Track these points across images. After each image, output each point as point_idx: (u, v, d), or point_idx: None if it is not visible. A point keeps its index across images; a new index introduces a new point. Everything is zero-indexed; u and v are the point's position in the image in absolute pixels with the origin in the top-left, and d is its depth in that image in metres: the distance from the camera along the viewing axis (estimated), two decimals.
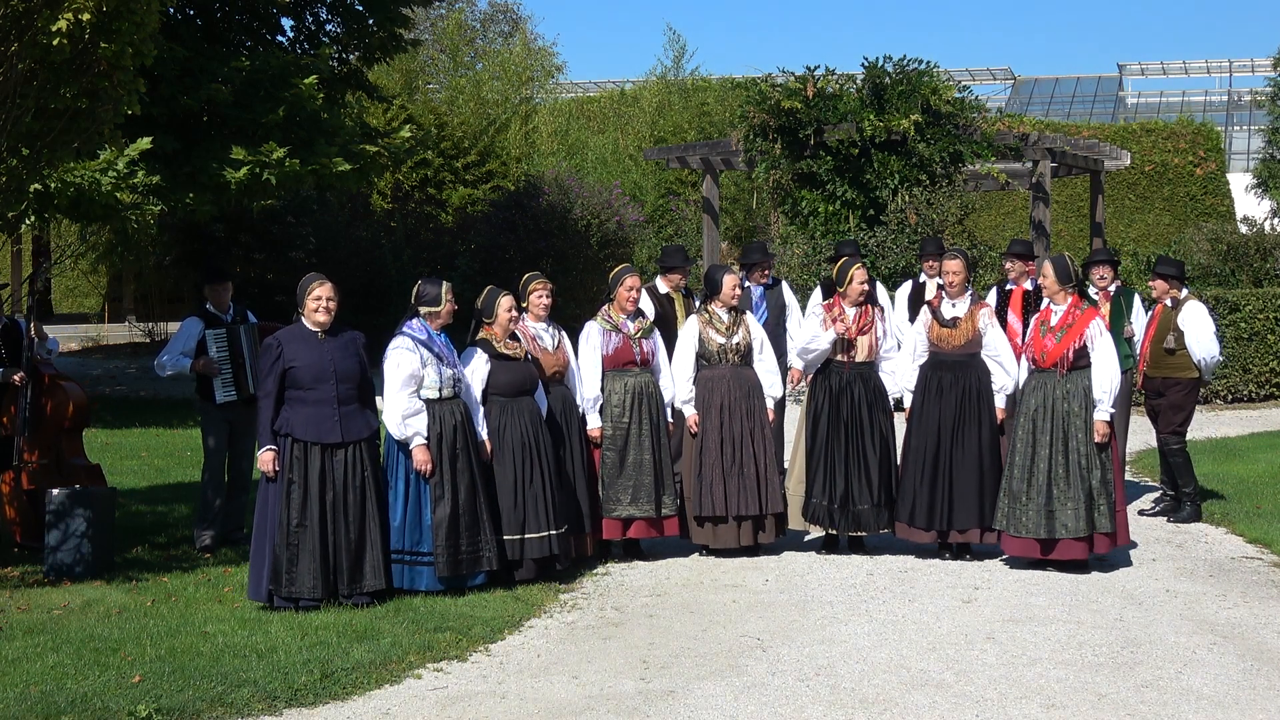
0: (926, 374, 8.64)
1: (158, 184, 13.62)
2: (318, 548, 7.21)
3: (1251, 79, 41.24)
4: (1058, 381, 8.24)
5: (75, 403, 8.86)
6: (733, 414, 8.64)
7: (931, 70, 17.03)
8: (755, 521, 8.64)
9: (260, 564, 7.28)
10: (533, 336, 8.27)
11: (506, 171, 25.67)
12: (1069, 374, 8.22)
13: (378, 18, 17.27)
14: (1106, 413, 8.12)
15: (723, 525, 8.58)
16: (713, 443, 8.60)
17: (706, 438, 8.63)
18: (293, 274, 22.29)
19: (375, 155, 15.81)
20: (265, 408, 7.34)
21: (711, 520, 8.59)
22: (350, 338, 7.54)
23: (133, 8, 7.32)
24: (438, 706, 5.80)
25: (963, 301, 8.69)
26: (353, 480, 7.34)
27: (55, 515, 8.00)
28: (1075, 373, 8.21)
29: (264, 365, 7.40)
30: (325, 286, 7.48)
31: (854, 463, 8.65)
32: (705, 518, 8.60)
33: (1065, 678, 6.16)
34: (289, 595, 7.21)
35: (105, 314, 29.57)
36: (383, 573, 7.38)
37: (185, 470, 12.02)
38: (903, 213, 16.29)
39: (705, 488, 8.56)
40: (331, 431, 7.32)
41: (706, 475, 8.57)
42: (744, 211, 26.45)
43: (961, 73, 37.00)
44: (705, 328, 8.79)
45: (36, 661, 6.23)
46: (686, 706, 5.80)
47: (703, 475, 8.59)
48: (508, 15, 39.74)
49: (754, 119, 17.10)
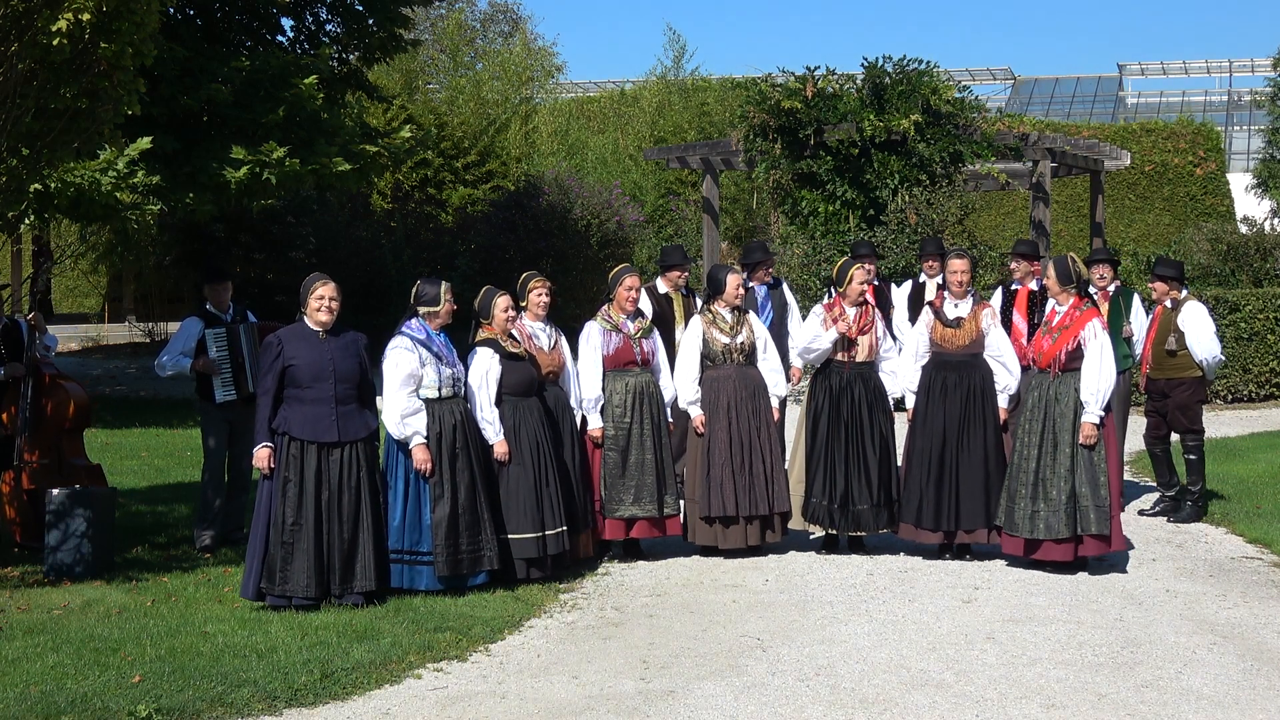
0: (930, 374, 8.63)
1: (158, 184, 13.62)
2: (312, 547, 7.21)
3: (1251, 79, 41.29)
4: (1051, 382, 8.25)
5: (77, 403, 8.86)
6: (740, 414, 8.64)
7: (931, 70, 17.03)
8: (764, 521, 8.64)
9: (254, 561, 7.28)
10: (529, 335, 8.26)
11: (506, 171, 25.67)
12: (1062, 375, 8.22)
13: (377, 18, 17.27)
14: (1095, 415, 8.10)
15: (733, 526, 8.58)
16: (721, 443, 8.59)
17: (714, 438, 8.61)
18: (293, 274, 22.32)
19: (375, 155, 15.81)
20: (263, 405, 7.34)
21: (721, 521, 8.59)
22: (352, 338, 7.55)
23: (133, 8, 7.32)
24: (438, 706, 5.80)
25: (965, 302, 8.69)
26: (348, 480, 7.34)
27: (55, 515, 8.00)
28: (1068, 374, 8.20)
29: (264, 363, 7.40)
30: (328, 286, 7.49)
31: (854, 463, 8.65)
32: (714, 518, 8.60)
33: (1065, 678, 6.16)
34: (282, 593, 7.22)
35: (105, 314, 29.57)
36: (374, 573, 7.36)
37: (185, 470, 12.02)
38: (903, 213, 16.29)
39: (714, 488, 8.55)
40: (328, 431, 7.32)
41: (715, 476, 8.56)
42: (744, 211, 26.45)
43: (961, 73, 37.02)
44: (709, 328, 8.79)
45: (36, 661, 6.23)
46: (686, 706, 5.80)
47: (711, 476, 8.57)
48: (508, 15, 39.78)
49: (754, 119, 17.10)
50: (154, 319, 25.50)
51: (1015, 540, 8.22)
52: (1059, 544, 8.09)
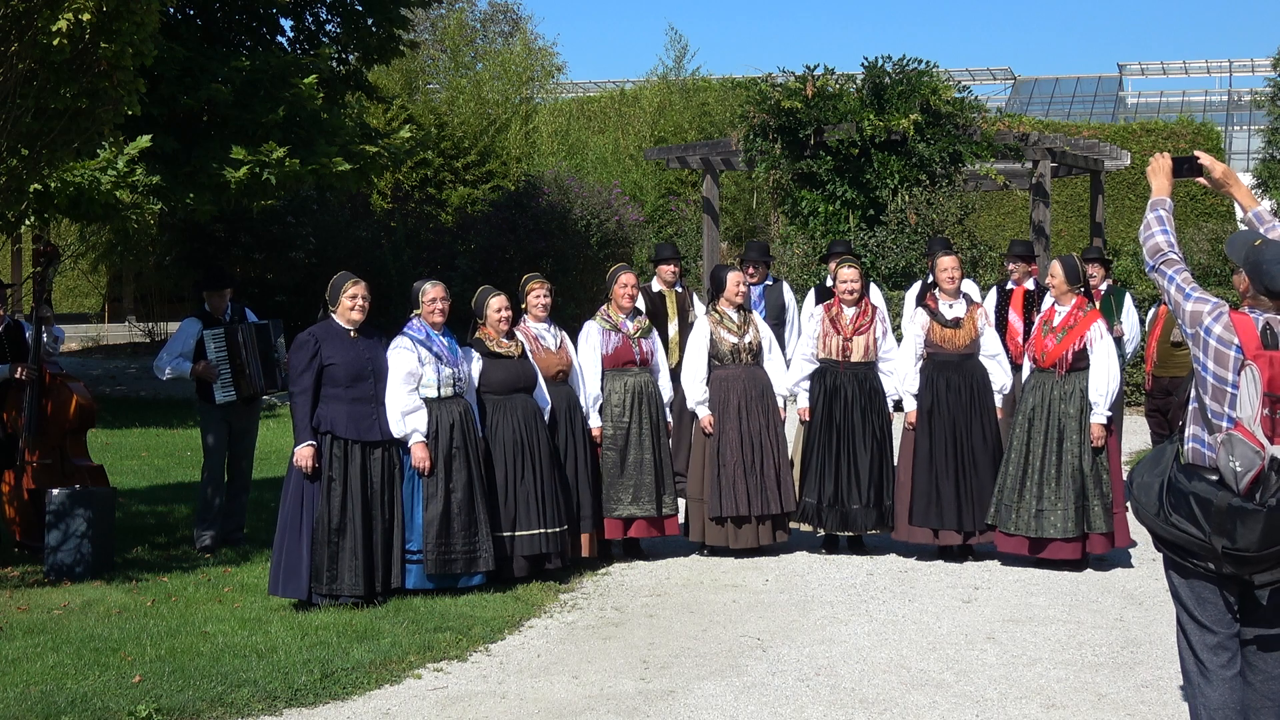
0: (930, 375, 8.62)
1: (158, 184, 13.62)
2: (360, 546, 7.25)
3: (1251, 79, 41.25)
4: (1056, 382, 8.24)
5: (80, 403, 8.84)
6: (750, 414, 8.64)
7: (931, 70, 17.05)
8: (774, 521, 8.64)
9: (295, 560, 7.26)
10: (535, 336, 8.27)
11: (506, 171, 25.65)
12: (1067, 375, 8.22)
13: (377, 18, 17.27)
14: (1103, 416, 8.11)
15: (745, 526, 8.58)
16: (732, 443, 8.59)
17: (725, 438, 8.61)
18: (293, 274, 22.35)
19: (375, 155, 15.80)
20: (302, 404, 7.34)
21: (734, 520, 8.59)
22: (378, 338, 7.64)
23: (133, 8, 7.32)
24: (438, 706, 5.80)
25: (959, 301, 8.69)
26: (388, 479, 7.41)
27: (55, 515, 8.00)
28: (1074, 374, 8.21)
29: (299, 362, 7.38)
30: (359, 285, 7.59)
31: (845, 463, 8.64)
32: (725, 519, 8.59)
33: (1065, 678, 6.16)
34: (330, 593, 7.25)
35: (105, 314, 29.57)
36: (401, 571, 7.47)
37: (185, 470, 12.03)
38: (903, 213, 16.30)
39: (726, 488, 8.54)
40: (371, 429, 7.39)
41: (727, 476, 8.55)
42: (744, 211, 26.46)
43: (961, 73, 37.00)
44: (717, 328, 8.79)
45: (36, 661, 6.23)
46: (686, 706, 5.80)
47: (722, 476, 8.57)
48: (508, 15, 39.75)
49: (754, 119, 17.12)
50: (154, 319, 25.49)
51: (1015, 539, 8.22)
52: (1068, 543, 8.10)
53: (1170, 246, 4.62)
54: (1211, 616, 4.49)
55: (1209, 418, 4.37)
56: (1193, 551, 4.40)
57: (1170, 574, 4.59)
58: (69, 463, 8.78)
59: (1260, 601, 4.42)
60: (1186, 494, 4.36)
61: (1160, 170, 4.78)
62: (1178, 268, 4.57)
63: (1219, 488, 4.28)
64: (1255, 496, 4.19)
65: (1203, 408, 4.41)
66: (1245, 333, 4.30)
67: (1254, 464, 4.17)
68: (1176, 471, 4.44)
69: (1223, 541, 4.26)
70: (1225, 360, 4.32)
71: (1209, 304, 4.42)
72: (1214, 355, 4.35)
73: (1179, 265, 4.58)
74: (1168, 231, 4.65)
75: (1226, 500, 4.23)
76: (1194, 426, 4.46)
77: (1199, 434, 4.43)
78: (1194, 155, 4.76)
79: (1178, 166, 4.79)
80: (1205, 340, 4.38)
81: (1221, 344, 4.34)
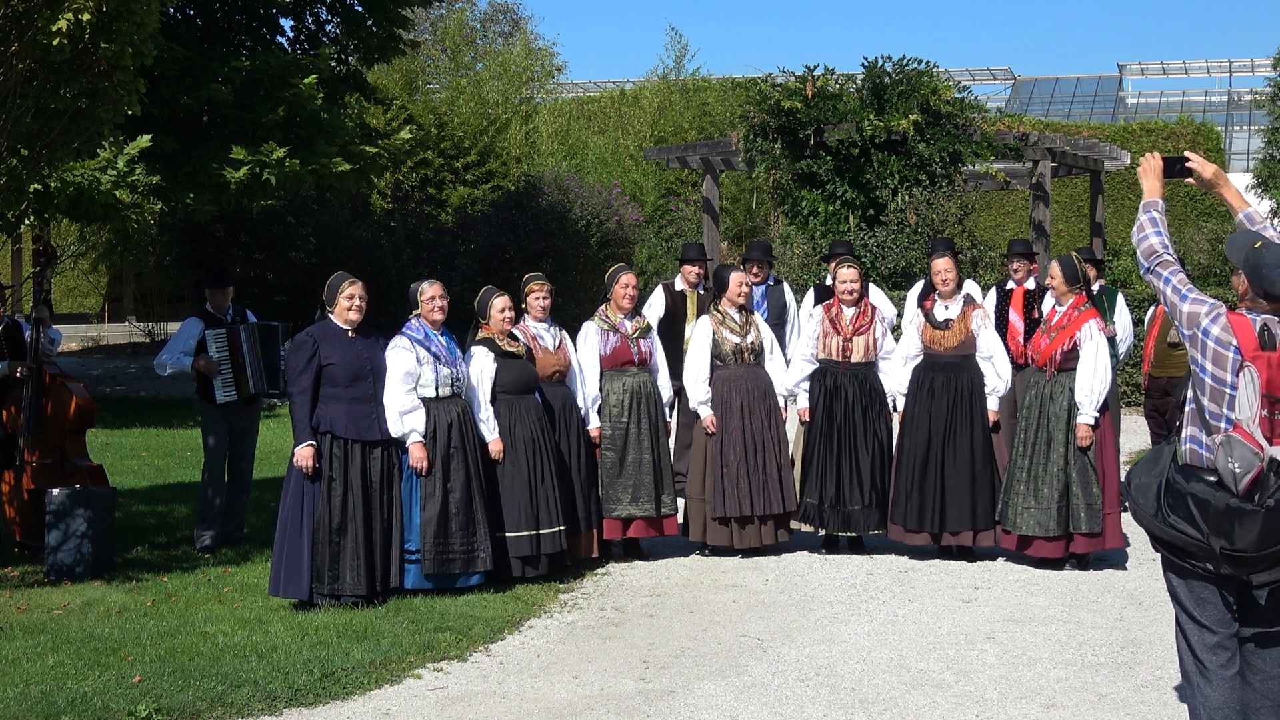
0: (919, 376, 8.64)
1: (158, 184, 13.62)
2: (361, 546, 7.26)
3: (1251, 79, 41.23)
4: (1047, 381, 8.26)
5: (80, 403, 8.85)
6: (753, 414, 8.64)
7: (931, 70, 17.05)
8: (777, 520, 8.64)
9: (295, 560, 7.26)
10: (534, 336, 8.28)
11: (506, 171, 25.65)
12: (1057, 375, 8.22)
13: (377, 18, 17.27)
14: (1090, 416, 8.10)
15: (749, 526, 8.58)
16: (735, 443, 8.59)
17: (728, 438, 8.60)
18: (293, 274, 22.35)
19: (375, 156, 15.81)
20: (301, 404, 7.34)
21: (737, 520, 8.59)
22: (376, 337, 7.64)
23: (133, 8, 7.32)
24: (438, 706, 5.80)
25: (955, 303, 8.68)
26: (386, 478, 7.42)
27: (55, 515, 8.00)
28: (1064, 374, 8.21)
29: (297, 362, 7.39)
30: (357, 285, 7.61)
31: (845, 463, 8.64)
32: (728, 518, 8.59)
33: (1065, 678, 6.16)
34: (332, 592, 7.26)
35: (105, 314, 29.57)
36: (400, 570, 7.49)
37: (185, 470, 12.03)
38: (903, 213, 16.30)
39: (729, 488, 8.54)
40: (371, 429, 7.40)
41: (731, 476, 8.56)
42: (744, 211, 26.46)
43: (961, 73, 36.99)
44: (719, 328, 8.79)
45: (36, 661, 6.23)
46: (686, 706, 5.80)
47: (725, 476, 8.57)
48: (508, 15, 39.77)
49: (754, 119, 17.11)
50: (154, 319, 25.50)
51: (1011, 536, 8.27)
52: (1050, 541, 8.14)
53: (1165, 248, 4.62)
54: (1210, 616, 4.49)
55: (1207, 419, 4.37)
56: (1191, 552, 4.40)
57: (1169, 574, 4.59)
58: (69, 463, 8.79)
59: (1259, 601, 4.42)
60: (1184, 495, 4.36)
61: (1151, 171, 4.78)
62: (1173, 269, 4.57)
63: (1217, 488, 4.28)
64: (1254, 498, 4.19)
65: (1200, 409, 4.40)
66: (1243, 334, 4.30)
67: (1253, 465, 4.17)
68: (1174, 472, 4.44)
69: (1221, 542, 4.26)
70: (1223, 361, 4.32)
71: (1206, 305, 4.42)
72: (1212, 356, 4.35)
73: (1174, 266, 4.58)
74: (1161, 233, 4.65)
75: (1224, 501, 4.23)
76: (1191, 427, 4.46)
77: (1196, 435, 4.43)
78: (1184, 156, 4.76)
79: (1168, 167, 4.80)
80: (1203, 341, 4.38)
81: (1219, 345, 4.33)
